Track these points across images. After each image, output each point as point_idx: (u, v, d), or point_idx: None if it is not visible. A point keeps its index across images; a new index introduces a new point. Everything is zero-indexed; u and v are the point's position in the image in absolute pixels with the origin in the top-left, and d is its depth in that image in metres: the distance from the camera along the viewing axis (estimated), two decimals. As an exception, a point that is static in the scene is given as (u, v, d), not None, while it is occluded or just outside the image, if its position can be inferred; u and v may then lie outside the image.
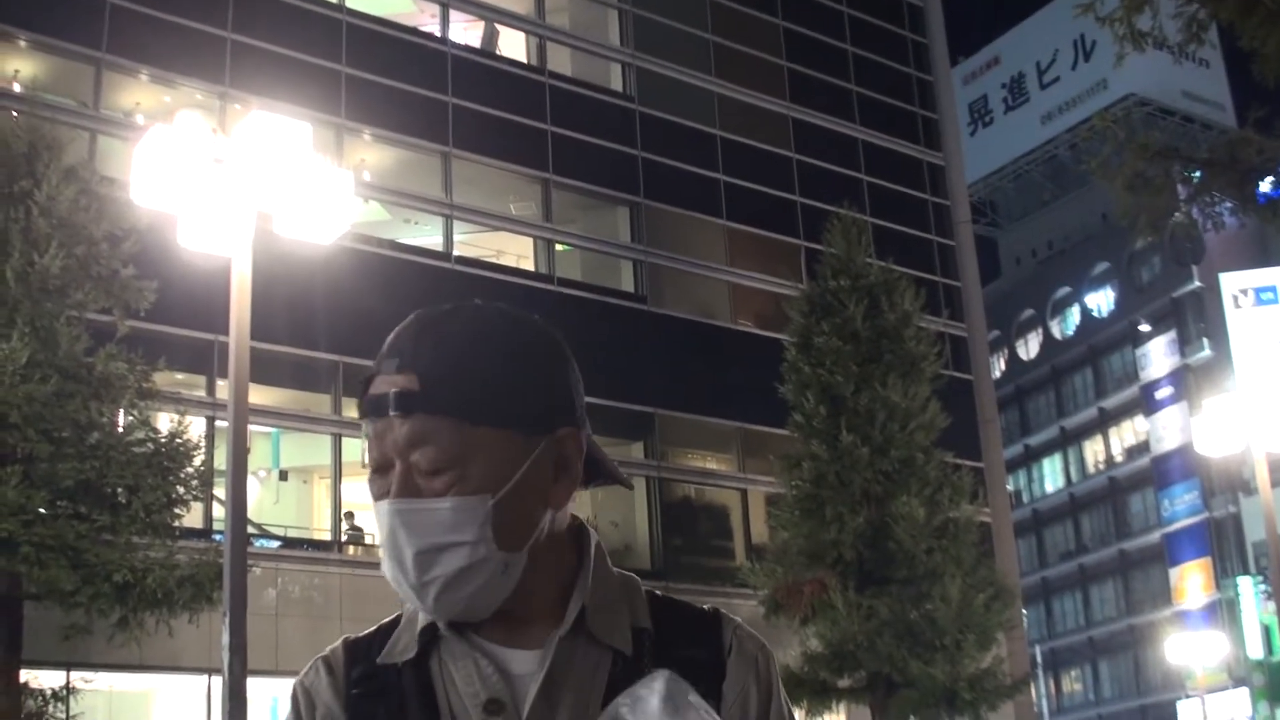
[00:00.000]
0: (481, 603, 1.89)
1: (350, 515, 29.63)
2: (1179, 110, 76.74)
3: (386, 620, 2.06)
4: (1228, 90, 79.69)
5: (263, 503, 30.14)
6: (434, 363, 1.89)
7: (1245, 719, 59.32)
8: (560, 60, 35.95)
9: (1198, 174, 18.33)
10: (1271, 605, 52.09)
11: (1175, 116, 75.83)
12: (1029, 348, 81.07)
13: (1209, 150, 18.81)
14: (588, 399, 2.02)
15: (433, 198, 32.36)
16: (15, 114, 21.55)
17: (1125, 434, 74.42)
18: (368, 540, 29.40)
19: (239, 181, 13.32)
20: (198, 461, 19.81)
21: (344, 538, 29.48)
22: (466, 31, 35.24)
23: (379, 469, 1.89)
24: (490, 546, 1.85)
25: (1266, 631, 57.18)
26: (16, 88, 26.98)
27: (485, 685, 1.89)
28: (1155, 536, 69.40)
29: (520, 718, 1.86)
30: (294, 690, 2.02)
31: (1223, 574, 64.09)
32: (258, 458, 29.39)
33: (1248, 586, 59.41)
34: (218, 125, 13.72)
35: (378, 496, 1.89)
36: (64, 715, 19.73)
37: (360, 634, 2.06)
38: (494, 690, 1.89)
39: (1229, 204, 17.92)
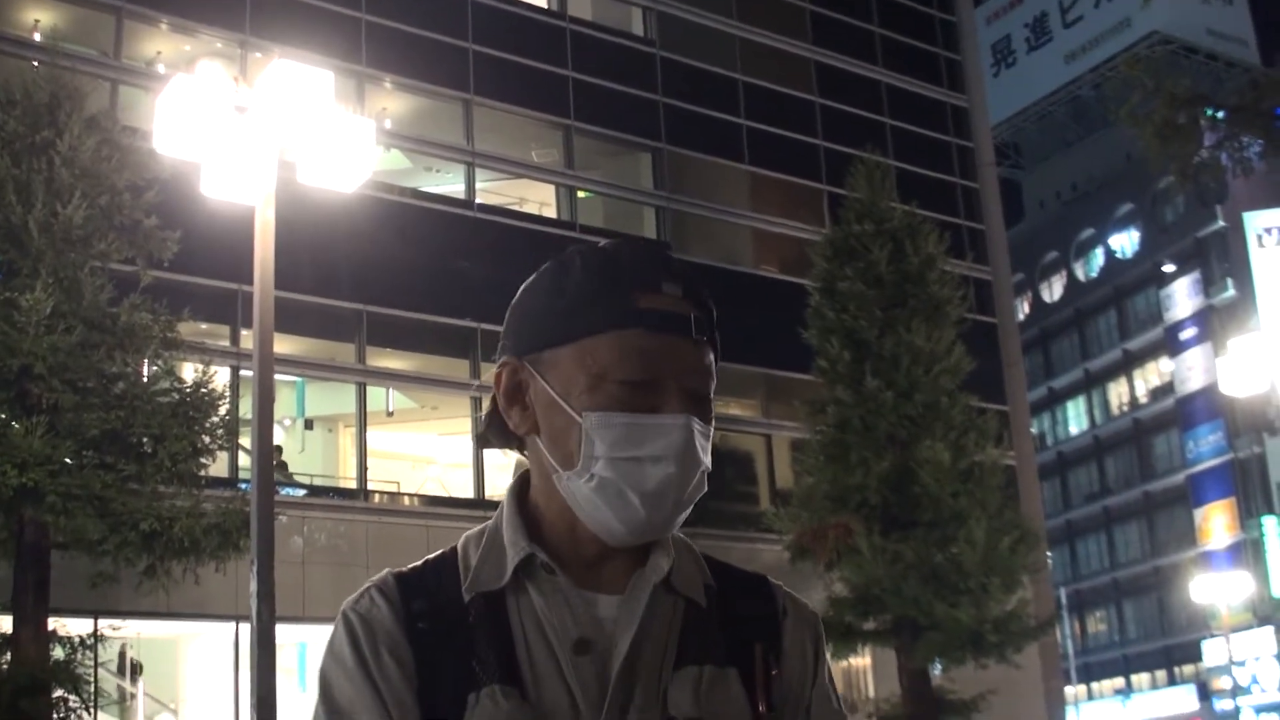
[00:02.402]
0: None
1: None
2: (1203, 48, 76.13)
3: (431, 557, 2.06)
4: (1251, 27, 79.09)
5: (289, 451, 30.23)
6: (705, 300, 1.96)
7: (1270, 657, 59.48)
8: (581, 5, 35.78)
9: (1221, 114, 18.27)
10: (1297, 545, 52.10)
11: (1199, 55, 75.23)
12: (1053, 290, 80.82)
13: (1236, 95, 18.74)
14: None
15: (454, 145, 32.30)
16: (36, 64, 21.52)
17: (1150, 375, 74.24)
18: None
19: (261, 130, 13.31)
20: (223, 411, 19.83)
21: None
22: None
23: (643, 384, 1.89)
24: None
25: (1291, 571, 57.24)
26: (37, 37, 26.92)
27: (576, 623, 1.92)
28: (1180, 478, 69.30)
29: (608, 658, 1.90)
30: (347, 618, 1.98)
31: (1247, 514, 64.02)
32: (282, 406, 29.48)
33: (1272, 526, 59.49)
34: (239, 74, 13.70)
35: (630, 407, 1.89)
36: (93, 663, 19.87)
37: (405, 569, 2.04)
38: (585, 629, 1.91)
39: (1257, 147, 17.85)
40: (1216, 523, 66.25)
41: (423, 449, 34.45)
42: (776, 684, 2.01)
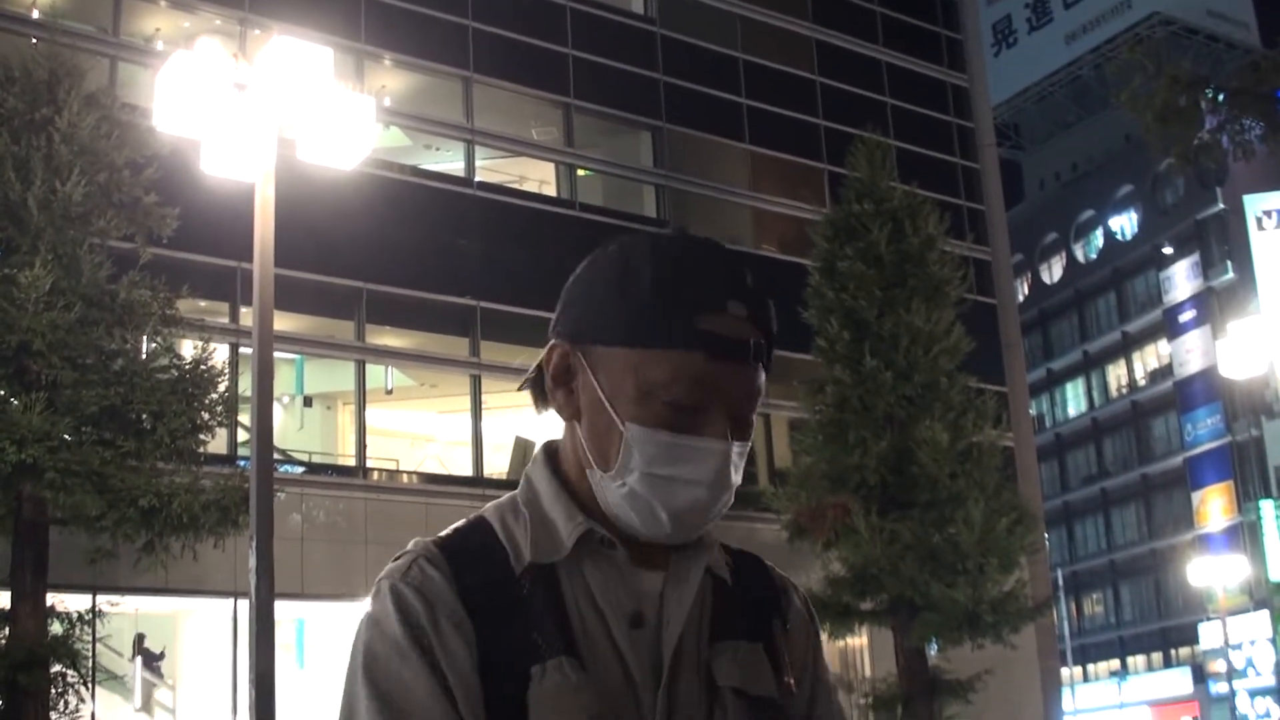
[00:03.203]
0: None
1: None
2: (1203, 29, 75.97)
3: (460, 528, 2.04)
4: (1252, 9, 78.91)
5: (287, 428, 30.24)
6: (769, 319, 1.96)
7: (1266, 640, 59.54)
8: (581, -17, 35.76)
9: (1221, 96, 18.24)
10: (1294, 528, 52.15)
11: (1199, 36, 75.09)
12: (1052, 271, 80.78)
13: (1237, 78, 18.72)
14: None
15: (454, 123, 32.26)
16: (35, 41, 21.51)
17: (1148, 357, 74.22)
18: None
19: (261, 107, 13.30)
20: (222, 388, 19.85)
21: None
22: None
23: (692, 404, 1.89)
24: None
25: (1288, 554, 57.29)
26: (36, 14, 26.89)
27: (631, 597, 1.94)
28: (1177, 460, 69.32)
29: (659, 632, 1.93)
30: (398, 591, 1.91)
31: (1245, 498, 64.04)
32: (281, 384, 29.49)
33: (1270, 510, 59.47)
34: (238, 51, 13.68)
35: (674, 426, 1.89)
36: (91, 638, 19.91)
37: (442, 537, 2.01)
38: (639, 603, 1.94)
39: (1258, 130, 17.83)
40: (1214, 506, 66.28)
41: (421, 427, 34.48)
42: (787, 660, 2.06)
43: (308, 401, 32.03)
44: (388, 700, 1.85)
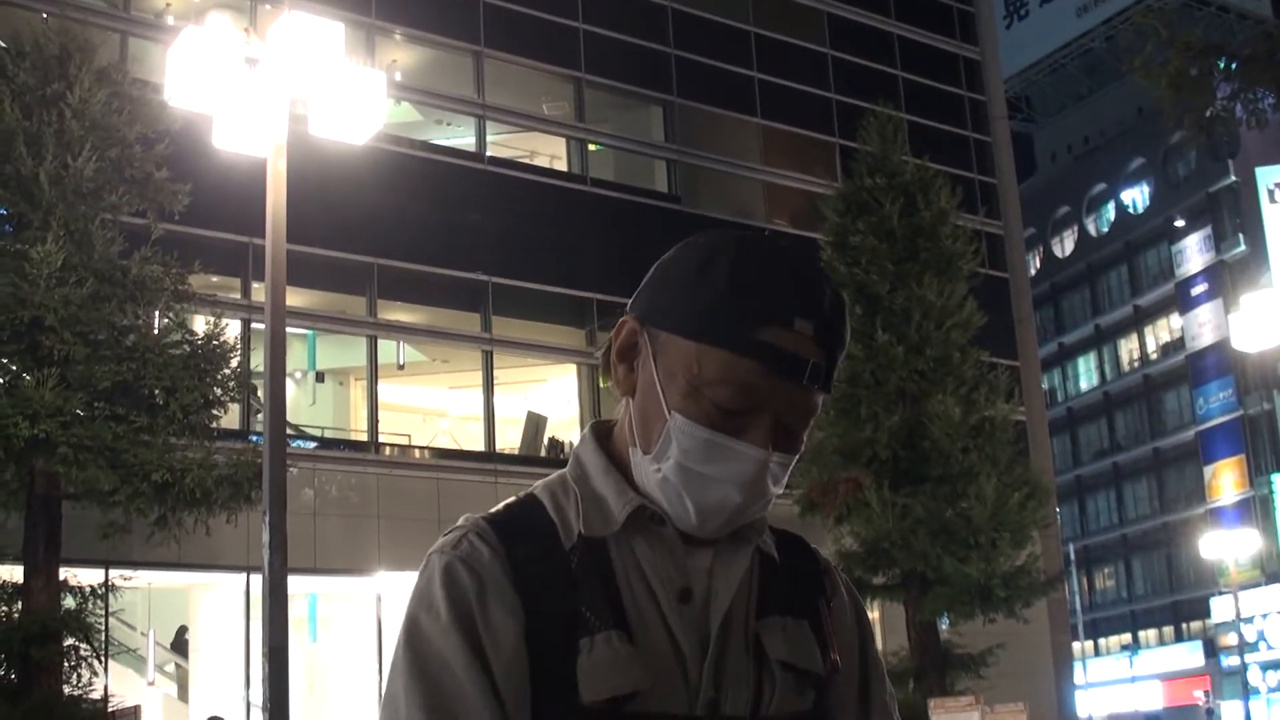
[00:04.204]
0: None
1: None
2: (1215, 0, 75.74)
3: (509, 504, 2.06)
4: (1265, -20, 78.66)
5: (299, 404, 30.30)
6: (837, 343, 1.96)
7: (1278, 614, 59.57)
8: (592, -43, 35.69)
9: (1234, 65, 18.15)
10: (1306, 502, 52.13)
11: (1211, 7, 74.80)
12: (1064, 245, 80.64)
13: (1250, 45, 18.63)
14: (622, 299, 2.05)
15: (465, 98, 32.23)
16: (46, 16, 21.48)
17: (1160, 331, 74.14)
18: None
19: (272, 82, 13.29)
20: (234, 363, 19.89)
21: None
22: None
23: (739, 409, 1.89)
24: None
25: (1300, 528, 57.28)
26: (47, -11, 26.89)
27: (680, 573, 1.96)
28: (1189, 434, 69.27)
29: (707, 607, 1.95)
30: (449, 565, 1.93)
31: (1257, 471, 64.03)
32: (294, 359, 29.52)
33: (1282, 484, 59.44)
34: (249, 26, 13.68)
35: (718, 425, 1.90)
36: (103, 612, 19.97)
37: (493, 513, 2.03)
38: (688, 579, 1.95)
39: (1270, 100, 17.76)
40: (1226, 479, 66.26)
41: (433, 402, 34.52)
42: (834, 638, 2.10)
43: (320, 377, 32.06)
44: (426, 677, 1.87)
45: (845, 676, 2.10)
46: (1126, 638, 74.34)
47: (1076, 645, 58.55)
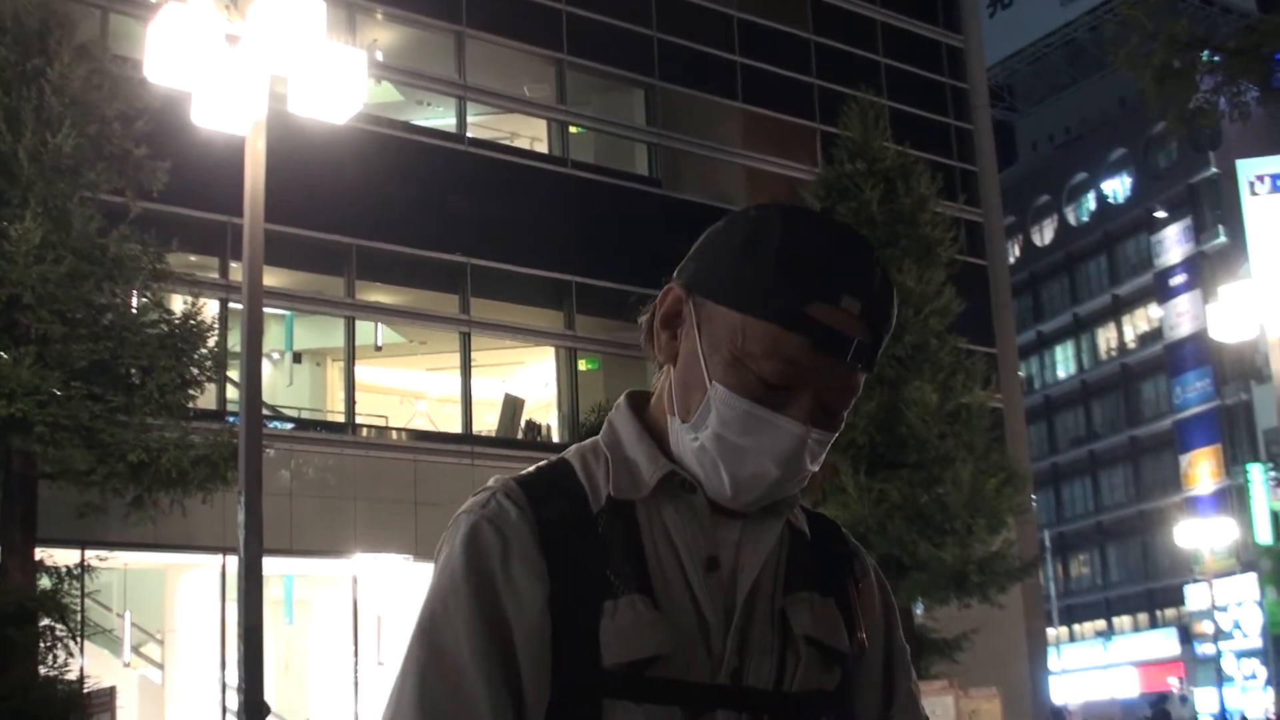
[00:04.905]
0: None
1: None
2: (1200, -7, 75.89)
3: (540, 467, 2.07)
4: (1248, -27, 78.78)
5: (276, 385, 30.23)
6: (883, 324, 1.96)
7: (1253, 602, 59.87)
8: (575, -61, 35.60)
9: (1217, 58, 18.21)
10: (1281, 492, 52.34)
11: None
12: (1044, 234, 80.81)
13: (1234, 39, 18.68)
14: (601, 283, 2.05)
15: (446, 78, 32.14)
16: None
17: (1138, 321, 74.39)
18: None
19: (253, 60, 13.24)
20: (212, 343, 19.82)
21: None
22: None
23: (782, 384, 1.90)
24: None
25: (1275, 518, 57.53)
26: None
27: (709, 542, 1.96)
28: (1166, 423, 69.55)
29: (734, 578, 1.96)
30: (475, 524, 1.97)
31: (1233, 461, 64.30)
32: (271, 340, 29.46)
33: (1258, 474, 59.69)
34: (230, 3, 13.62)
35: (758, 398, 1.91)
36: (80, 593, 19.91)
37: (523, 475, 2.04)
38: (716, 548, 1.96)
39: (1255, 92, 17.81)
40: (1202, 469, 66.53)
41: (411, 384, 34.49)
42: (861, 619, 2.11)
43: (297, 358, 32.01)
44: (434, 644, 1.90)
45: (869, 661, 2.12)
46: (1101, 624, 74.72)
47: (1051, 631, 58.74)
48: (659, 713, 1.88)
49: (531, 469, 2.06)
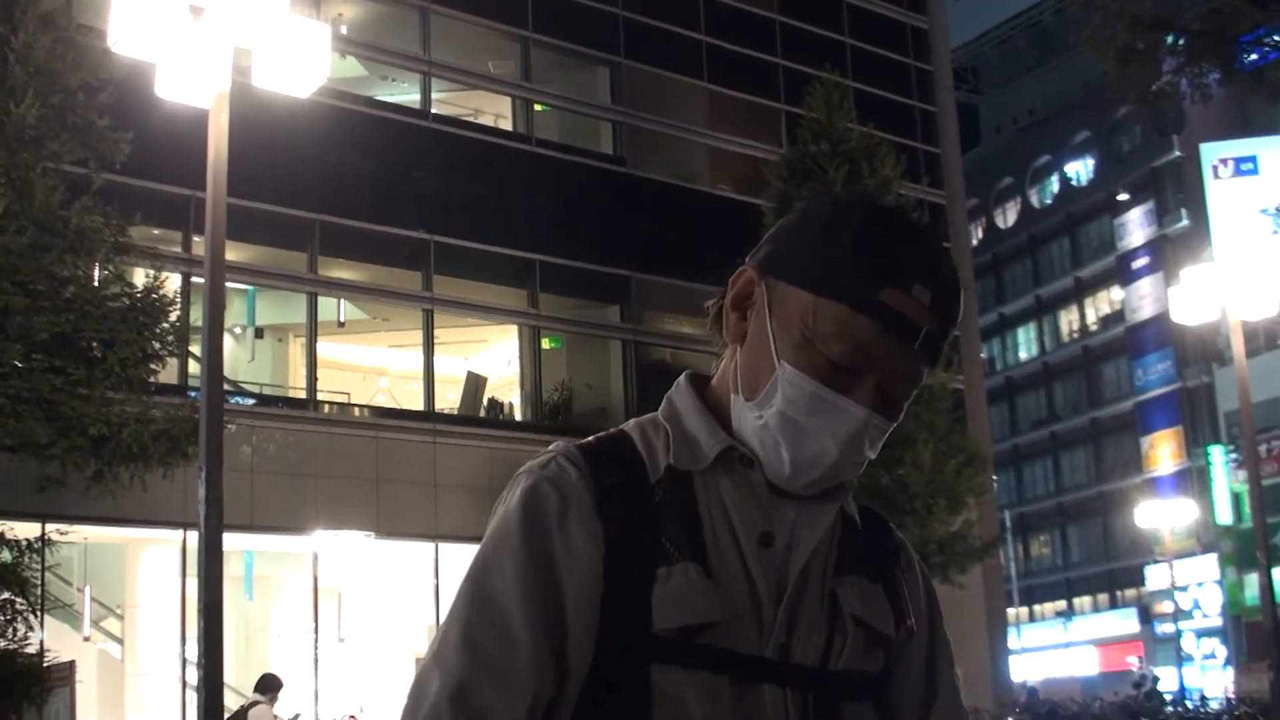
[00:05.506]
0: None
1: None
2: (1165, -24, 75.99)
3: (599, 436, 2.09)
4: (1214, -43, 78.95)
5: (238, 360, 30.14)
6: (950, 316, 1.98)
7: (1213, 583, 60.36)
8: (541, -84, 35.47)
9: (1182, 41, 18.27)
10: (1242, 474, 52.64)
11: (1161, -18, 75.13)
12: (1007, 216, 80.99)
13: (1199, 21, 18.73)
14: (565, 261, 2.07)
15: (410, 54, 32.02)
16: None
17: (1100, 303, 74.62)
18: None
19: (217, 32, 13.18)
20: (173, 317, 19.73)
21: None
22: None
23: (848, 368, 1.93)
24: None
25: (1236, 499, 57.91)
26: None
27: (763, 517, 1.99)
28: (1128, 405, 69.82)
29: (788, 555, 1.99)
30: (535, 484, 1.99)
31: (1194, 443, 64.63)
32: (233, 315, 29.36)
33: (1218, 455, 60.07)
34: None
35: (825, 379, 1.94)
36: (40, 566, 19.84)
37: (583, 441, 2.07)
38: (771, 524, 1.99)
39: (1216, 74, 17.87)
40: (1163, 450, 66.85)
41: (373, 360, 34.43)
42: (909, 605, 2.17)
43: (259, 333, 31.91)
44: (483, 592, 1.94)
45: (913, 651, 2.18)
46: (1061, 604, 75.10)
47: (1011, 611, 59.06)
48: (706, 680, 1.91)
49: (590, 438, 2.08)
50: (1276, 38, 18.84)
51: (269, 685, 18.88)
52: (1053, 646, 70.24)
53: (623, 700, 1.91)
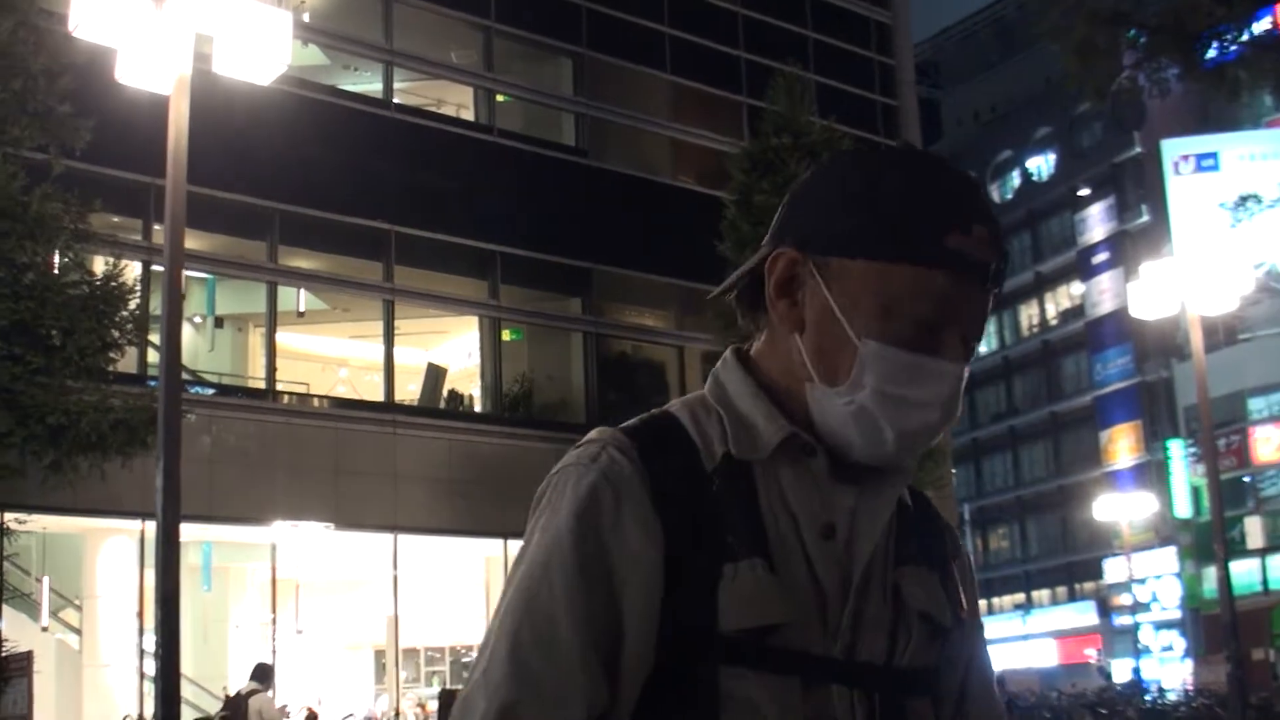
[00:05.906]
0: None
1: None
2: (1126, -27, 76.32)
3: (646, 419, 1.98)
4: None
5: (197, 349, 30.01)
6: (1005, 245, 1.91)
7: (1171, 575, 60.77)
8: (505, -94, 35.39)
9: (1143, 37, 18.34)
10: (1200, 468, 52.94)
11: (1122, -21, 75.46)
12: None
13: (1157, 16, 18.80)
14: (526, 253, 2.01)
15: (373, 42, 31.91)
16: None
17: (1061, 298, 74.94)
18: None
19: (178, 18, 13.11)
20: (133, 305, 19.61)
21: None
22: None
23: (935, 324, 1.87)
24: None
25: (1194, 493, 58.24)
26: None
27: (825, 508, 1.91)
28: (1087, 399, 70.13)
29: (850, 546, 1.91)
30: (584, 480, 1.87)
31: (1152, 437, 64.94)
32: (192, 304, 29.23)
33: (1177, 450, 60.40)
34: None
35: (914, 345, 1.87)
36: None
37: (630, 426, 1.95)
38: (832, 515, 1.91)
39: (1175, 69, 17.94)
40: (1122, 444, 67.18)
41: (333, 351, 34.33)
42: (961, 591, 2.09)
43: (219, 322, 31.77)
44: (532, 604, 1.83)
45: (957, 635, 2.07)
46: (1020, 597, 75.45)
47: (970, 605, 58.90)
48: (776, 683, 1.83)
49: (636, 420, 1.97)
50: (1237, 34, 18.94)
51: (266, 674, 18.96)
52: (1012, 639, 70.45)
53: (686, 703, 1.83)
